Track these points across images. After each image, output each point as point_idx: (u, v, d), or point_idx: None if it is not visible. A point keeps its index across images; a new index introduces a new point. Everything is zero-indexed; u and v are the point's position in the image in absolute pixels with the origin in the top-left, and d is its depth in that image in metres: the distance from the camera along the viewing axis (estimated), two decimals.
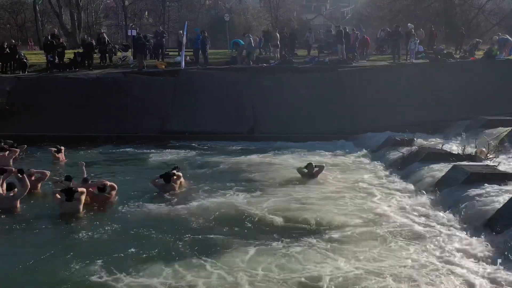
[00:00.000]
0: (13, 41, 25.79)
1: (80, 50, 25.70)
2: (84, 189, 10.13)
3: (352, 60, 23.77)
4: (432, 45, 25.69)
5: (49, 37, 24.79)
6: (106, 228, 9.24)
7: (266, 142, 18.30)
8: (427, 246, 8.05)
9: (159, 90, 21.35)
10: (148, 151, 17.01)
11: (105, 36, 26.82)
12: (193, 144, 18.09)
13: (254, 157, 15.90)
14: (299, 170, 13.00)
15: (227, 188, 11.98)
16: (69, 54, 25.69)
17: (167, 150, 17.20)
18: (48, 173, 11.91)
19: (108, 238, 8.81)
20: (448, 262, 7.43)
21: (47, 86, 21.87)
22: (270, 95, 20.66)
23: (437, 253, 7.78)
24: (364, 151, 16.53)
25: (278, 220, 9.61)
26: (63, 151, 15.41)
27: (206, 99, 20.63)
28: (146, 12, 61.16)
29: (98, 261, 7.67)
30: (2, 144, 14.72)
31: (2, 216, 9.89)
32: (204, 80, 21.89)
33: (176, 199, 11.11)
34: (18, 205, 10.30)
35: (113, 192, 10.77)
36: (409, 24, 24.30)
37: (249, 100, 20.67)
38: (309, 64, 23.68)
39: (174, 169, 11.96)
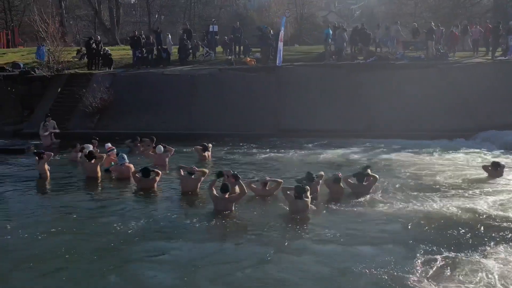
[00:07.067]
0: (99, 37, 25.28)
1: (165, 47, 25.19)
2: (308, 188, 9.81)
3: (444, 56, 23.41)
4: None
5: (136, 33, 24.35)
6: (341, 227, 8.93)
7: (386, 140, 17.88)
8: None
9: (261, 86, 20.99)
10: (278, 149, 16.58)
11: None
12: (318, 142, 17.64)
13: (398, 155, 15.55)
14: (485, 168, 12.68)
15: (408, 190, 11.41)
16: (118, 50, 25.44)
17: (295, 149, 16.65)
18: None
19: (342, 238, 8.50)
20: None
21: (145, 82, 21.47)
22: (377, 92, 20.27)
23: None
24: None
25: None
26: (210, 149, 14.95)
27: (312, 95, 20.28)
28: (158, 11, 60.04)
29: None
30: (161, 144, 14.22)
31: (220, 218, 9.49)
32: (303, 76, 21.52)
33: (372, 201, 10.63)
34: (233, 207, 9.92)
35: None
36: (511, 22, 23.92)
37: (357, 97, 20.27)
38: (402, 60, 23.33)
39: (366, 168, 11.51)
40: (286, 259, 7.69)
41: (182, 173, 11.14)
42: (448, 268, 7.27)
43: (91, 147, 13.75)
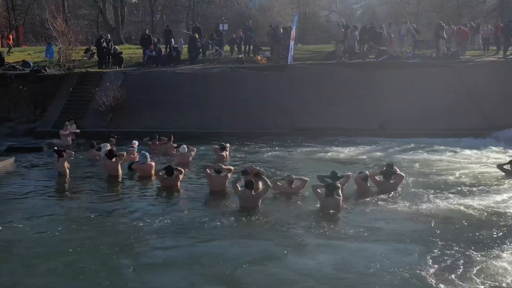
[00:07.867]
0: (109, 35, 25.27)
1: (176, 45, 25.20)
2: (340, 185, 9.80)
3: (455, 55, 23.40)
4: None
5: (147, 32, 24.34)
6: (365, 224, 8.89)
7: (399, 138, 17.86)
8: None
9: (274, 85, 21.01)
10: (291, 148, 16.55)
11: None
12: (331, 141, 17.64)
13: (412, 154, 15.53)
14: (500, 166, 12.65)
15: (425, 188, 11.25)
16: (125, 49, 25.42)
17: (309, 147, 16.67)
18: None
19: (368, 236, 8.41)
20: None
21: (156, 81, 21.49)
22: (389, 90, 20.29)
23: None
24: None
25: None
26: (228, 148, 14.91)
27: (324, 94, 20.30)
28: (160, 8, 59.84)
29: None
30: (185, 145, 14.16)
31: (246, 215, 9.44)
32: (316, 75, 21.58)
33: (394, 199, 10.54)
34: (260, 204, 9.90)
35: None
36: None
37: (370, 96, 20.30)
38: (412, 59, 23.33)
39: (392, 166, 11.39)
40: (307, 257, 7.60)
41: (209, 171, 11.11)
42: (468, 267, 7.19)
43: (108, 146, 13.73)
